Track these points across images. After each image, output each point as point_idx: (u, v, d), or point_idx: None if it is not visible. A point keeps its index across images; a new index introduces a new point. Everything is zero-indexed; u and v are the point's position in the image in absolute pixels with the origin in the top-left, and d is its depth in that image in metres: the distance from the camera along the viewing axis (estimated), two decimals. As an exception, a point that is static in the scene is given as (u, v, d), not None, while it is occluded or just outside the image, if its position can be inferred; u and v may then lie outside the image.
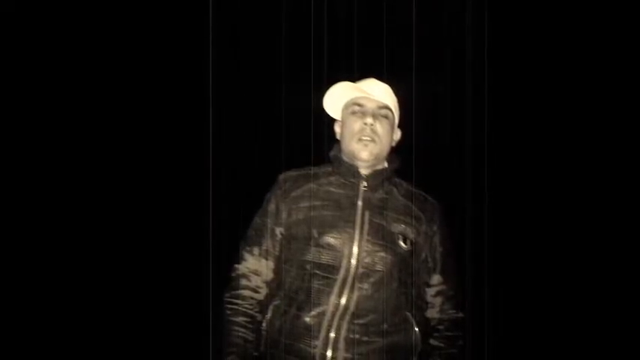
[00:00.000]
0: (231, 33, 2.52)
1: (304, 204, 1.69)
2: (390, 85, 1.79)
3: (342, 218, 1.66)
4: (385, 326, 1.61)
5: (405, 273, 1.67)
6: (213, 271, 1.99)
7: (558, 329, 2.66)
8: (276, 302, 1.68)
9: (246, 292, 1.70)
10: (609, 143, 2.69)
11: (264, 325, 1.68)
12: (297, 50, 2.35)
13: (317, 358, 1.57)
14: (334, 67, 2.17)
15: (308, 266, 1.63)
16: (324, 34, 2.31)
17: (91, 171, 2.76)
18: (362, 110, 1.72)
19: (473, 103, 2.50)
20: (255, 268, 1.72)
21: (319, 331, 1.58)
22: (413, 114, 1.92)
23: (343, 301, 1.59)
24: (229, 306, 1.69)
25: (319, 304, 1.59)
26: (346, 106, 1.77)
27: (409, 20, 2.26)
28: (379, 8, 2.42)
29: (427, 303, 1.74)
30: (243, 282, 1.71)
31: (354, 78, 1.81)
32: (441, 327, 1.73)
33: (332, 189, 1.72)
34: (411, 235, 1.69)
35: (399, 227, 1.68)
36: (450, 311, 1.74)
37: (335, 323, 1.58)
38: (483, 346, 2.03)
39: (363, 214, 1.67)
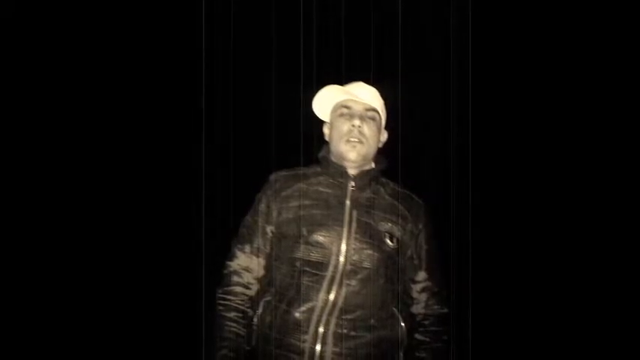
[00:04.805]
0: (223, 36, 2.54)
1: (294, 203, 1.73)
2: (376, 88, 1.82)
3: (331, 217, 1.69)
4: (372, 321, 1.64)
5: (392, 270, 1.71)
6: (206, 268, 2.02)
7: (541, 324, 2.70)
8: (266, 298, 1.71)
9: (238, 289, 1.73)
10: (592, 143, 2.72)
11: (255, 320, 1.71)
12: (287, 53, 2.38)
13: (306, 352, 1.59)
14: (323, 70, 2.22)
15: (298, 263, 1.66)
16: (314, 38, 2.34)
17: (85, 170, 2.77)
18: (350, 112, 1.75)
19: (457, 105, 2.54)
20: (247, 265, 1.75)
21: (308, 326, 1.61)
22: (399, 116, 1.96)
23: (332, 297, 1.62)
24: (221, 302, 1.72)
25: (308, 300, 1.62)
26: (334, 109, 1.80)
27: (395, 24, 2.30)
28: (367, 13, 2.45)
29: (413, 299, 1.77)
30: (235, 278, 1.74)
31: (342, 81, 1.84)
32: (426, 322, 1.76)
33: (321, 189, 1.75)
34: (398, 233, 1.72)
35: (385, 226, 1.71)
36: (435, 307, 1.77)
37: (324, 318, 1.61)
38: (467, 341, 2.06)
39: (351, 213, 1.70)
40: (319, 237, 1.67)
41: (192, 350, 1.88)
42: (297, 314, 1.63)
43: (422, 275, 1.77)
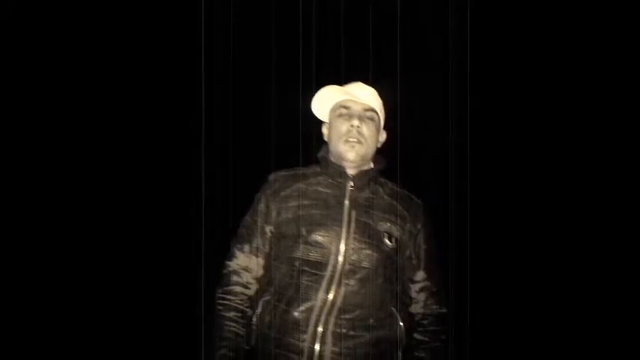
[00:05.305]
0: (222, 36, 2.54)
1: (293, 203, 1.73)
2: (375, 88, 1.83)
3: (330, 217, 1.70)
4: (371, 321, 1.65)
5: (390, 270, 1.71)
6: (206, 268, 2.03)
7: (540, 324, 2.70)
8: (266, 298, 1.72)
9: (237, 288, 1.73)
10: (592, 143, 2.73)
11: (254, 319, 1.71)
12: (286, 54, 2.39)
13: (305, 351, 1.60)
14: (322, 70, 2.22)
15: (297, 263, 1.67)
16: (313, 38, 2.35)
17: (85, 171, 2.77)
18: (349, 113, 1.76)
19: (456, 105, 2.54)
20: (246, 264, 1.75)
21: (307, 326, 1.61)
22: (398, 116, 1.96)
23: (330, 296, 1.63)
24: (221, 301, 1.73)
25: (307, 300, 1.63)
26: (333, 109, 1.81)
27: (394, 24, 2.30)
28: (365, 13, 2.46)
29: (411, 298, 1.78)
30: (234, 278, 1.74)
31: (341, 81, 1.85)
32: (425, 322, 1.77)
33: (320, 189, 1.76)
34: (396, 233, 1.72)
35: (384, 226, 1.72)
36: (434, 306, 1.78)
37: (323, 318, 1.61)
38: (466, 341, 2.07)
39: (349, 213, 1.71)
40: (318, 237, 1.67)
41: (192, 350, 1.88)
42: (296, 314, 1.63)
43: (420, 275, 1.78)
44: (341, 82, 1.85)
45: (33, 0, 2.73)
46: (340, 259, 1.66)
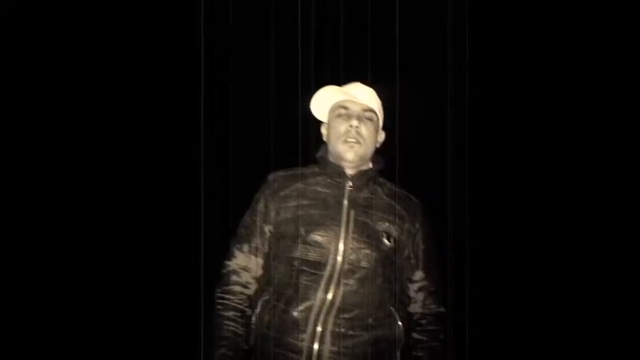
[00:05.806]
0: (221, 36, 2.55)
1: (292, 203, 1.74)
2: (374, 89, 1.83)
3: (329, 217, 1.70)
4: (370, 320, 1.65)
5: (389, 269, 1.72)
6: (205, 268, 2.03)
7: (538, 323, 2.71)
8: (265, 297, 1.73)
9: (237, 288, 1.74)
10: (590, 142, 2.74)
11: (253, 319, 1.72)
12: (285, 54, 2.39)
13: (304, 351, 1.60)
14: (321, 70, 2.23)
15: (296, 263, 1.67)
16: (312, 38, 2.35)
17: (84, 172, 2.78)
18: (347, 113, 1.76)
19: (455, 106, 2.55)
20: (245, 264, 1.76)
21: (306, 325, 1.62)
22: (397, 116, 1.97)
23: (329, 296, 1.63)
24: (220, 301, 1.73)
25: (306, 299, 1.63)
26: (332, 109, 1.81)
27: (393, 24, 2.31)
28: (364, 13, 2.46)
29: (410, 298, 1.78)
30: (234, 278, 1.75)
31: (340, 81, 1.86)
32: (423, 321, 1.77)
33: (319, 189, 1.76)
34: (395, 233, 1.73)
35: (383, 225, 1.73)
36: (432, 306, 1.78)
37: (321, 318, 1.62)
38: (464, 340, 2.08)
39: (348, 213, 1.71)
40: (317, 236, 1.68)
41: (192, 349, 1.89)
42: (295, 313, 1.64)
43: (419, 275, 1.78)
44: (340, 82, 1.86)
45: (33, 0, 2.73)
46: (339, 258, 1.66)
